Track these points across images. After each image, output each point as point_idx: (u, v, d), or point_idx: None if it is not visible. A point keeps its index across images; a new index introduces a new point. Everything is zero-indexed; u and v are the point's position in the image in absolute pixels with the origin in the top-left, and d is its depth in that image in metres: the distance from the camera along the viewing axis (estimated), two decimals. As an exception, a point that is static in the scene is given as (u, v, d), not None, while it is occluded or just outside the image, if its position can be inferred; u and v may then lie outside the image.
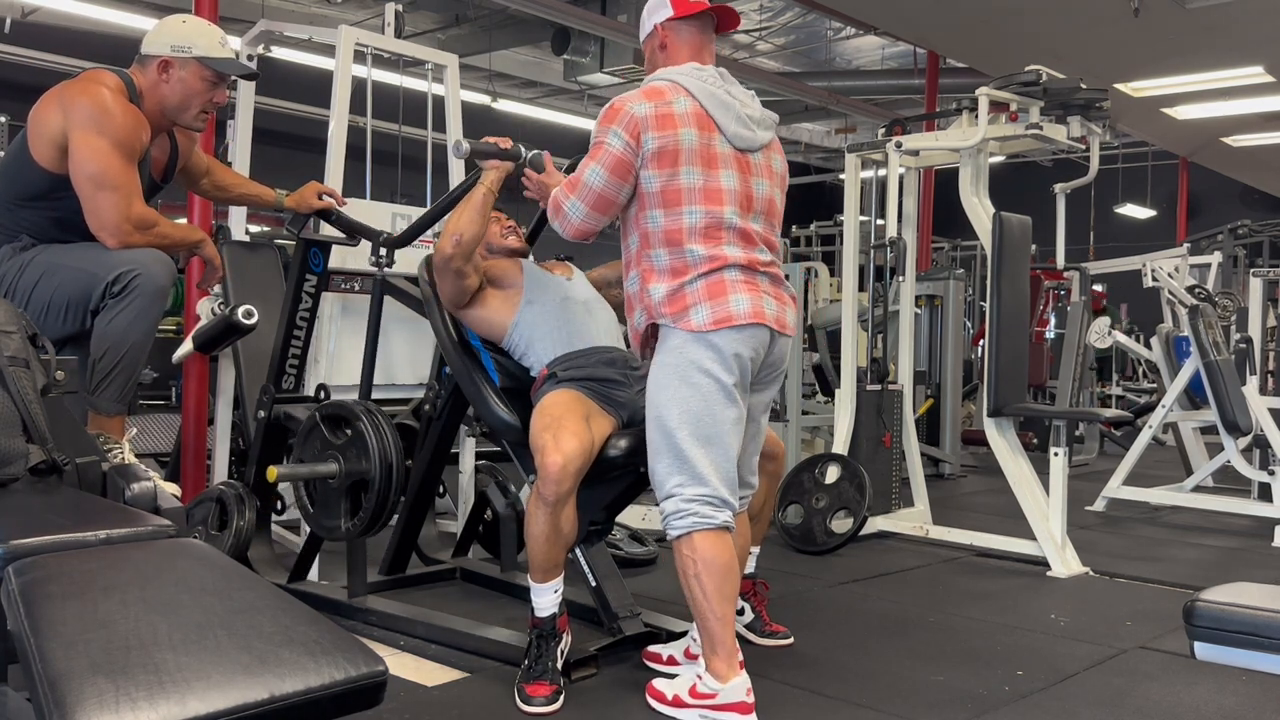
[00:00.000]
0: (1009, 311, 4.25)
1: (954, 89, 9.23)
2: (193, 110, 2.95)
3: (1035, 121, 4.28)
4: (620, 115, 2.52)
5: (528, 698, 2.50)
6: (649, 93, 2.56)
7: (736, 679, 2.42)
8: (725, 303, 2.47)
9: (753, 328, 2.49)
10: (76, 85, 2.80)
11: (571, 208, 2.55)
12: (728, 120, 2.55)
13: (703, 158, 2.52)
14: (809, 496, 4.44)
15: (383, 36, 4.17)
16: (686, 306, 2.47)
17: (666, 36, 2.66)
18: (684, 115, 2.52)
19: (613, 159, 2.51)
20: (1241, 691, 2.67)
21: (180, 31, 2.92)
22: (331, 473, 2.99)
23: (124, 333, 2.67)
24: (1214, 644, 1.72)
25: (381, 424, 2.95)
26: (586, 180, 2.53)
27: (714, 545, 2.43)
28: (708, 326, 2.45)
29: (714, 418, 2.46)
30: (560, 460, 2.50)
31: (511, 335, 2.94)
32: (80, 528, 1.73)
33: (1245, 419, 5.30)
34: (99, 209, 2.71)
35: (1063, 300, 9.20)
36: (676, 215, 2.50)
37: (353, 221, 3.38)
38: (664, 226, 2.51)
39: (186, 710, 1.27)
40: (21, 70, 9.73)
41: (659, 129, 2.49)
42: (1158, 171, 14.75)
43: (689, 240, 2.50)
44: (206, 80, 2.92)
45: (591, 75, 10.44)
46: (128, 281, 2.66)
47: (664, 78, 2.60)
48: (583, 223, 2.55)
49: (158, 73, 2.89)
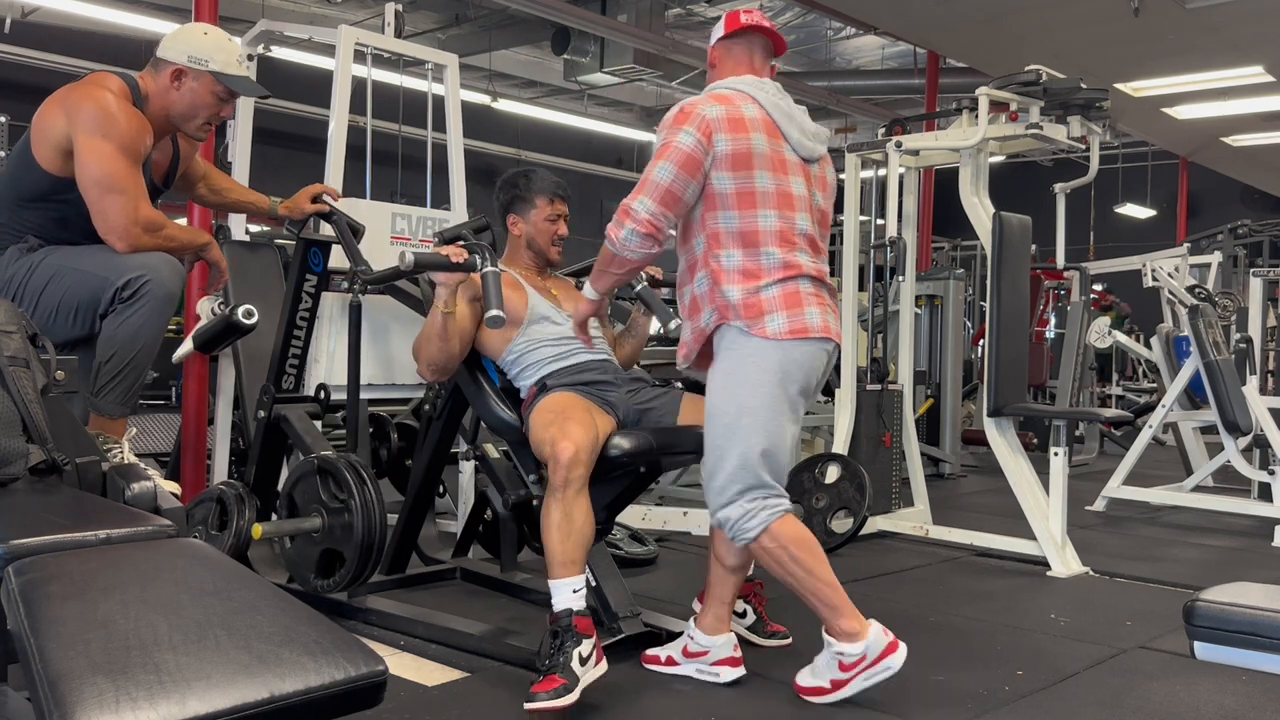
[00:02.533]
0: (1009, 311, 4.24)
1: (954, 89, 9.23)
2: (197, 121, 2.95)
3: (1035, 121, 4.28)
4: (692, 116, 2.53)
5: (531, 693, 2.39)
6: (717, 98, 2.59)
7: (873, 627, 2.51)
8: (801, 314, 2.53)
9: (822, 341, 2.57)
10: (80, 89, 2.79)
11: (639, 205, 2.50)
12: (792, 130, 2.60)
13: (773, 163, 2.56)
14: (809, 496, 4.44)
15: (383, 36, 4.17)
16: (763, 313, 2.51)
17: (717, 54, 2.75)
18: (753, 121, 2.56)
19: (683, 155, 2.50)
20: (1241, 691, 2.67)
21: (199, 43, 2.90)
22: (315, 528, 3.03)
23: (132, 337, 2.67)
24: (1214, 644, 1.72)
25: (371, 497, 2.93)
26: (655, 177, 2.51)
27: (792, 525, 2.55)
28: (784, 335, 2.50)
29: (780, 428, 2.54)
30: (572, 447, 2.52)
31: (505, 359, 2.99)
32: (80, 528, 1.73)
33: (1245, 419, 5.30)
34: (106, 212, 2.71)
35: (1063, 300, 9.20)
36: (753, 217, 2.53)
37: (349, 237, 3.34)
38: (739, 228, 2.54)
39: (186, 710, 1.27)
40: (21, 70, 9.73)
41: (731, 131, 2.52)
42: (1158, 171, 14.75)
43: (765, 242, 2.53)
44: (217, 95, 2.92)
45: (591, 75, 10.44)
46: (138, 287, 2.66)
47: (726, 86, 2.64)
48: (651, 218, 2.50)
49: (170, 79, 2.88)
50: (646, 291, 3.13)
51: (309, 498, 3.08)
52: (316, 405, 3.40)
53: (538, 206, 3.10)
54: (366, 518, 2.93)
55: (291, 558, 3.10)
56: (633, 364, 3.29)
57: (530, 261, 3.13)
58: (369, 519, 2.94)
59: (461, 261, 2.73)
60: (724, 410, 2.55)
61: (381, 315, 3.78)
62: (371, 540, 2.94)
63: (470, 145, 4.49)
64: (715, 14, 10.84)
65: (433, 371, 2.89)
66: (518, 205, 3.13)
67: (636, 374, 3.12)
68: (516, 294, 2.98)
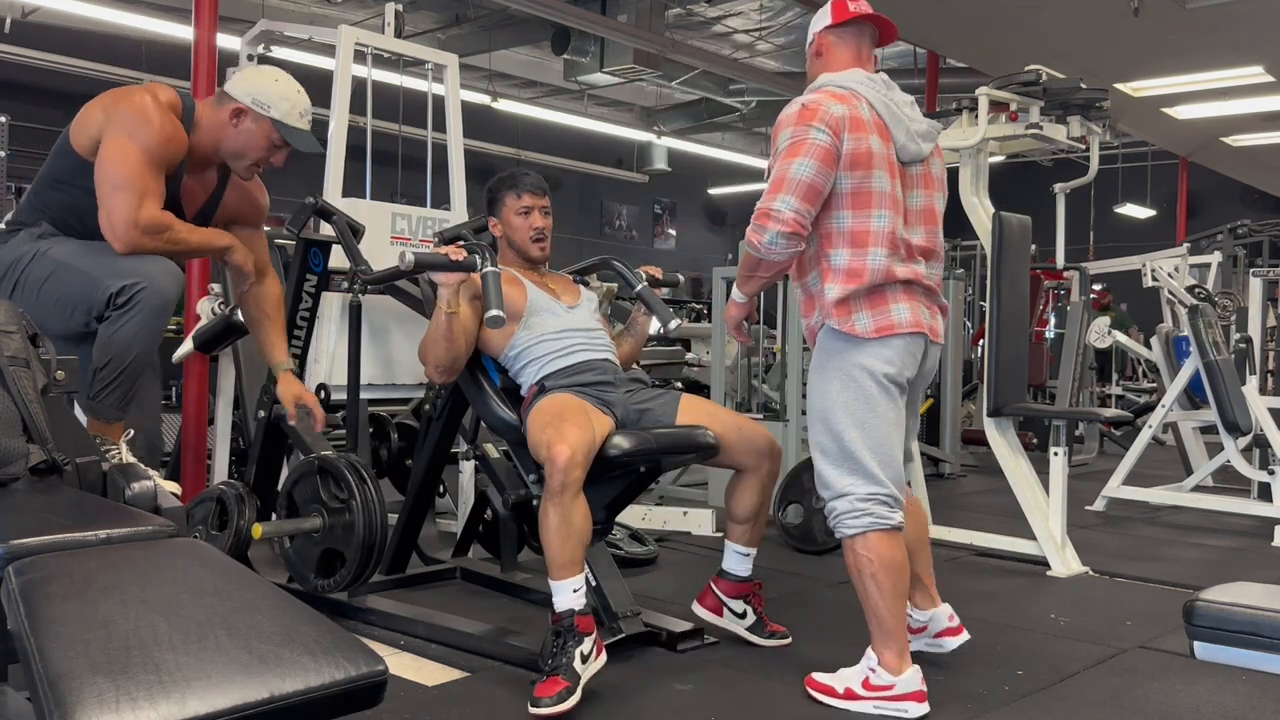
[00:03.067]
0: (1009, 311, 4.24)
1: (954, 89, 9.22)
2: (246, 161, 2.94)
3: (1035, 121, 4.28)
4: (819, 114, 2.51)
5: (534, 697, 2.42)
6: (835, 96, 2.56)
7: (910, 670, 2.51)
8: (887, 311, 2.56)
9: (912, 336, 2.59)
10: (127, 91, 2.83)
11: (782, 204, 2.47)
12: (899, 133, 2.60)
13: (888, 164, 2.57)
14: (809, 496, 4.44)
15: (383, 36, 4.18)
16: (851, 312, 2.55)
17: (825, 44, 2.70)
18: (869, 122, 2.55)
19: (821, 150, 2.48)
20: (1241, 691, 2.67)
21: (267, 88, 2.89)
22: (315, 528, 3.04)
23: (127, 345, 2.66)
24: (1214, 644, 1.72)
25: (371, 496, 2.96)
26: (794, 174, 2.47)
27: (890, 545, 2.53)
28: (871, 333, 2.54)
29: (879, 418, 2.55)
30: (568, 450, 2.52)
31: (506, 355, 3.00)
32: (80, 528, 1.73)
33: (1245, 419, 5.29)
34: (111, 210, 2.70)
35: (1063, 300, 9.20)
36: (865, 217, 2.55)
37: (349, 237, 3.34)
38: (851, 228, 2.55)
39: (186, 710, 1.27)
40: (21, 70, 9.74)
41: (854, 130, 2.52)
42: (1158, 171, 14.75)
43: (874, 243, 2.54)
44: (271, 141, 2.91)
45: (591, 75, 10.44)
46: (133, 294, 2.65)
47: (839, 84, 2.59)
48: (796, 215, 2.47)
49: (229, 115, 2.87)
50: (646, 291, 3.14)
51: (308, 497, 3.09)
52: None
53: (507, 203, 3.12)
54: (367, 517, 2.94)
55: (291, 557, 3.11)
56: (631, 363, 3.29)
57: (518, 260, 3.14)
58: (370, 519, 2.95)
59: (461, 261, 2.73)
60: (821, 406, 2.60)
61: (381, 315, 3.78)
62: (372, 540, 2.95)
63: (470, 145, 4.49)
64: (715, 14, 10.85)
65: (440, 373, 2.89)
66: (493, 207, 3.17)
67: (635, 374, 3.13)
68: (515, 289, 2.98)
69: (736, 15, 11.02)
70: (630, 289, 3.18)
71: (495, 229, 3.17)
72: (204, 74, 4.29)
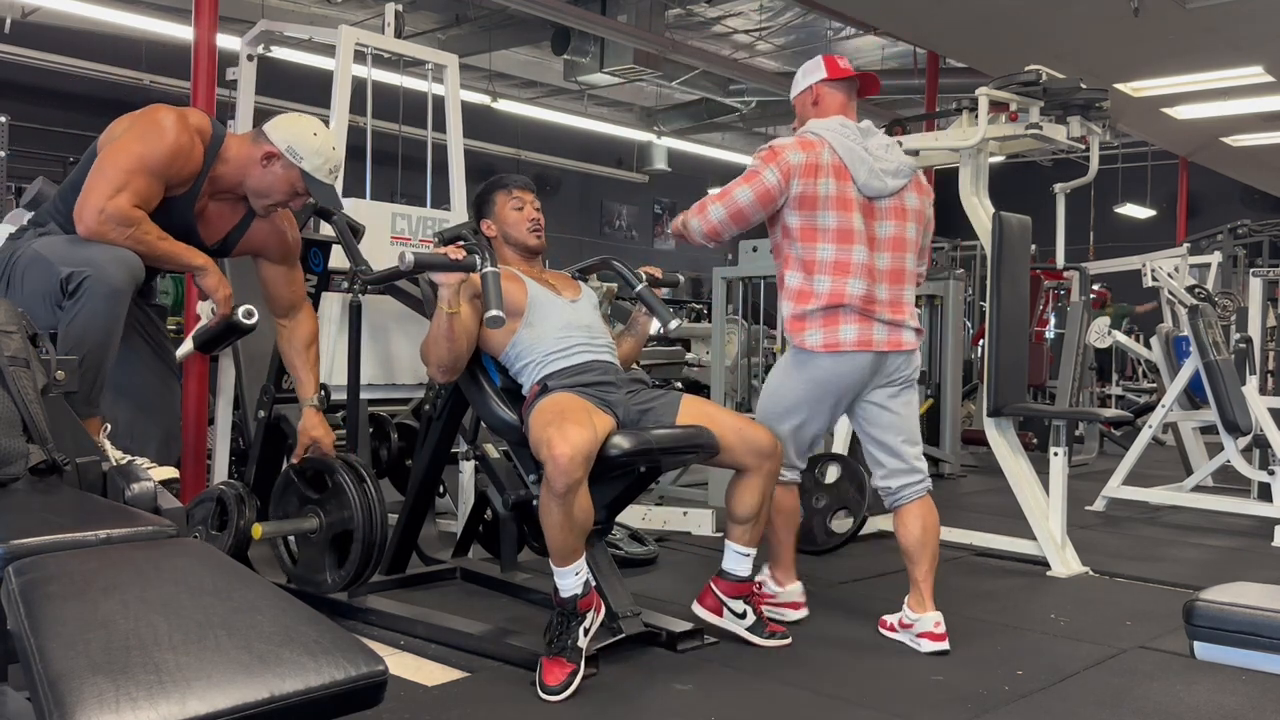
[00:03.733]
0: (1009, 311, 4.24)
1: (954, 89, 9.22)
2: (267, 201, 2.98)
3: (1035, 121, 4.27)
4: (779, 159, 3.05)
5: (544, 684, 2.55)
6: (803, 144, 3.08)
7: (793, 585, 3.29)
8: (837, 330, 3.05)
9: (854, 354, 3.06)
10: (157, 106, 2.86)
11: (715, 211, 3.09)
12: (860, 172, 3.07)
13: (838, 202, 3.05)
14: (809, 496, 4.44)
15: (383, 36, 4.18)
16: (805, 329, 3.08)
17: (821, 94, 3.21)
18: (826, 166, 3.04)
19: (763, 189, 3.04)
20: (1241, 691, 2.67)
21: (305, 140, 2.92)
22: (313, 528, 3.04)
23: (80, 336, 2.62)
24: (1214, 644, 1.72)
25: (363, 473, 2.98)
26: (736, 197, 3.07)
27: (782, 494, 3.18)
28: (820, 348, 3.06)
29: (809, 415, 3.14)
30: (569, 451, 2.53)
31: (508, 353, 3.00)
32: (80, 528, 1.73)
33: (1245, 419, 5.29)
34: (86, 193, 2.71)
35: (1063, 300, 9.20)
36: (812, 249, 3.06)
37: (350, 237, 3.35)
38: (801, 256, 3.08)
39: (186, 710, 1.27)
40: (21, 70, 9.73)
41: (804, 176, 3.03)
42: (1158, 171, 14.76)
43: (819, 270, 3.06)
44: (295, 188, 2.95)
45: (591, 75, 10.45)
46: (79, 282, 2.62)
47: (814, 131, 3.12)
48: (719, 224, 3.09)
49: (262, 156, 2.91)
50: (646, 291, 3.15)
51: (298, 504, 3.10)
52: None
53: (499, 201, 3.15)
54: (361, 491, 2.94)
55: (302, 574, 3.13)
56: (631, 363, 3.29)
57: (516, 256, 3.14)
58: (369, 518, 2.95)
59: (461, 261, 2.73)
60: (770, 385, 3.24)
61: (381, 315, 3.78)
62: (372, 539, 2.95)
63: (470, 145, 4.49)
64: (715, 14, 10.86)
65: (443, 373, 2.91)
66: (484, 210, 3.19)
67: (636, 374, 3.13)
68: (515, 286, 2.99)
69: (736, 15, 11.02)
70: (630, 289, 3.19)
71: (489, 230, 3.17)
72: (204, 74, 4.28)
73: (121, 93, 9.59)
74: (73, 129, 8.71)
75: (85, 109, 9.10)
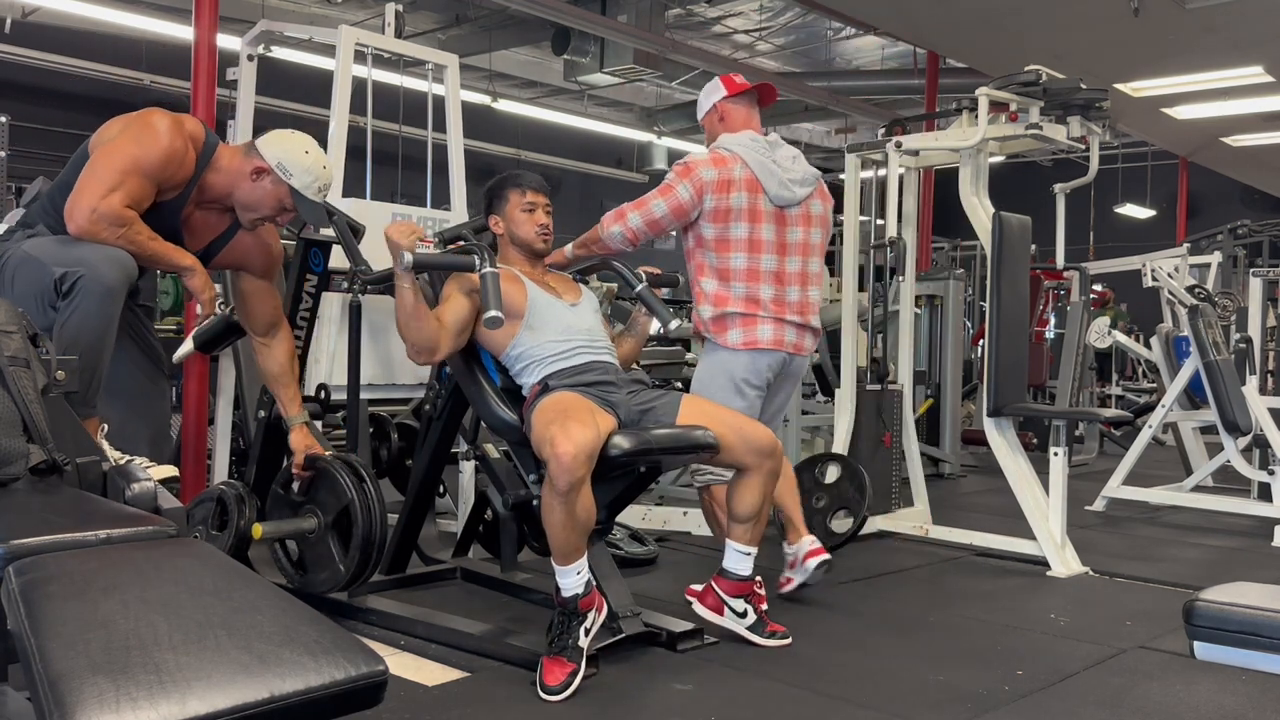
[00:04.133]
0: (1009, 311, 4.24)
1: (954, 89, 9.23)
2: (254, 215, 3.01)
3: (1035, 121, 4.27)
4: (693, 175, 3.36)
5: (545, 684, 2.54)
6: (716, 160, 3.39)
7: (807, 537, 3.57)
8: (754, 330, 3.37)
9: (771, 351, 3.40)
10: (151, 110, 2.88)
11: (633, 219, 3.38)
12: (771, 184, 3.37)
13: (749, 214, 3.35)
14: (809, 496, 4.43)
15: (383, 36, 4.18)
16: (727, 329, 3.38)
17: (725, 110, 3.55)
18: (738, 181, 3.34)
19: (676, 204, 3.36)
20: (1241, 691, 2.67)
21: (295, 157, 2.94)
22: (311, 528, 3.05)
23: (75, 335, 2.63)
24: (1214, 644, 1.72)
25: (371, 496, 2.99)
26: (652, 209, 3.38)
27: (720, 491, 3.28)
28: (740, 346, 3.37)
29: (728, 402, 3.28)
30: (572, 449, 2.53)
31: (508, 354, 3.00)
32: (80, 528, 1.73)
33: (1245, 419, 5.29)
34: (78, 192, 2.73)
35: (1063, 300, 9.20)
36: (726, 258, 3.37)
37: (350, 237, 3.35)
38: (716, 264, 3.39)
39: (187, 710, 1.27)
40: (21, 70, 9.73)
41: (717, 191, 3.33)
42: (1158, 171, 14.75)
43: (734, 278, 3.37)
44: (282, 204, 2.98)
45: (591, 75, 10.43)
46: (73, 282, 2.63)
47: (726, 147, 3.42)
48: (637, 231, 3.39)
49: (252, 170, 2.93)
50: (646, 292, 3.15)
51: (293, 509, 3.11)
52: (317, 405, 3.40)
53: (511, 200, 3.12)
54: (367, 517, 2.94)
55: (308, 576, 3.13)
56: (631, 363, 3.30)
57: (520, 257, 3.13)
58: (369, 518, 2.95)
59: (460, 260, 2.75)
60: (697, 389, 3.43)
61: (381, 315, 3.77)
62: (371, 539, 2.95)
63: (470, 145, 4.49)
64: (715, 14, 10.85)
65: (418, 353, 2.89)
66: (495, 205, 3.17)
67: (636, 375, 3.13)
68: (516, 288, 2.98)
69: (736, 15, 11.02)
70: (630, 289, 3.19)
71: (497, 226, 3.16)
72: (204, 74, 4.28)
73: (121, 93, 9.58)
74: (73, 129, 8.67)
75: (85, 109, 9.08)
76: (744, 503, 2.95)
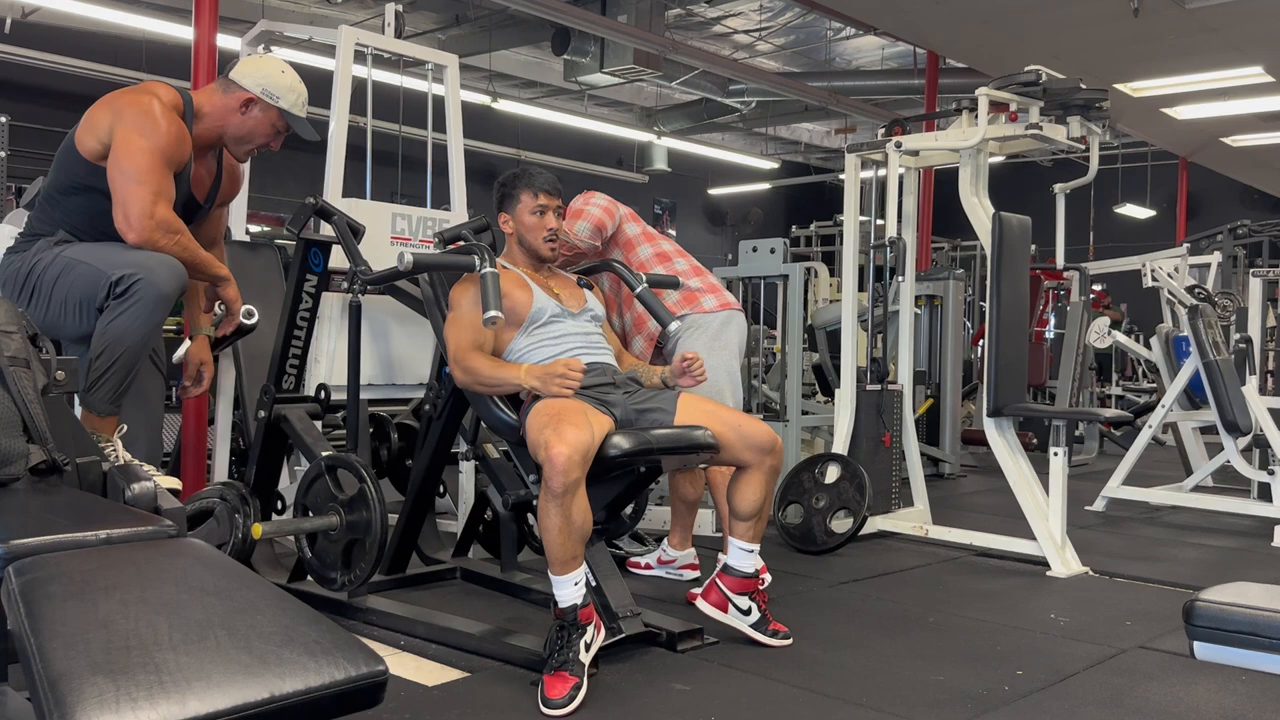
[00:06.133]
0: (1009, 311, 4.24)
1: (954, 89, 9.24)
2: (249, 145, 3.07)
3: (1035, 121, 4.28)
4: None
5: (547, 698, 2.47)
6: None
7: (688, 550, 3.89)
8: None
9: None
10: (130, 93, 2.89)
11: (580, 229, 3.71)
12: None
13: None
14: (809, 496, 4.44)
15: (383, 37, 4.18)
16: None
17: None
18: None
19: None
20: (1241, 691, 2.67)
21: (276, 80, 3.03)
22: (333, 525, 3.03)
23: (121, 335, 2.67)
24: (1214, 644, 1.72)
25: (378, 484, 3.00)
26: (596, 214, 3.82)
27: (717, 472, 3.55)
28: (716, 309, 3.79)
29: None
30: (566, 451, 2.53)
31: (506, 356, 3.02)
32: (80, 528, 1.73)
33: (1245, 419, 5.29)
34: (127, 201, 2.74)
35: (1063, 300, 9.21)
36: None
37: (349, 237, 3.35)
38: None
39: (187, 710, 1.27)
40: (21, 70, 9.74)
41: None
42: (1157, 171, 14.76)
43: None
44: (276, 128, 3.06)
45: (591, 75, 10.44)
46: (130, 284, 2.67)
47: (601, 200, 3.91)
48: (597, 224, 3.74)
49: (239, 104, 2.99)
50: (647, 292, 3.15)
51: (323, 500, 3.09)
52: (317, 405, 3.40)
53: (523, 201, 3.10)
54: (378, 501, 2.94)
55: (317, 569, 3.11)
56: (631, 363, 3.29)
57: (525, 259, 3.13)
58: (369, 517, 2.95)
59: (460, 260, 2.75)
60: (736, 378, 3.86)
61: (381, 315, 3.78)
62: (372, 539, 2.95)
63: (470, 145, 4.49)
64: (715, 14, 10.86)
65: (464, 382, 2.94)
66: (506, 203, 3.15)
67: (634, 374, 3.13)
68: (522, 293, 2.99)
69: (736, 15, 11.02)
70: (630, 290, 3.19)
71: (506, 225, 3.15)
72: (204, 74, 4.29)
73: (121, 93, 9.58)
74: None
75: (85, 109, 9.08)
76: (745, 500, 2.95)
